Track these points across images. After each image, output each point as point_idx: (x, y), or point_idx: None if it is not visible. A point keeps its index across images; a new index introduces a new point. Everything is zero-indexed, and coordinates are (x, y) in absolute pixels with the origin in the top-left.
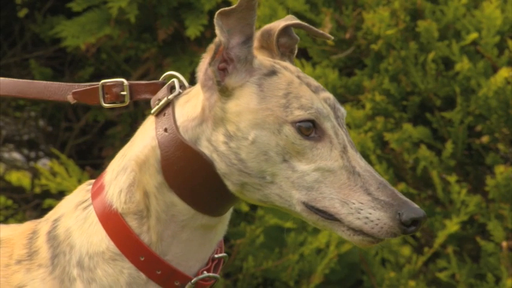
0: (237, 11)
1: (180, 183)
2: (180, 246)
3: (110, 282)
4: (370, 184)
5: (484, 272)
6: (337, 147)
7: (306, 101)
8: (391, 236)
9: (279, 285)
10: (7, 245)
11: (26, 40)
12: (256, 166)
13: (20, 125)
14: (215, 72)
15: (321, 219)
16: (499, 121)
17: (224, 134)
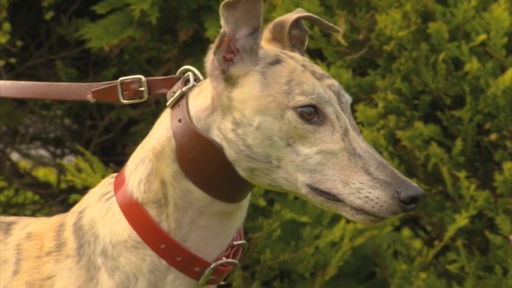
0: (242, 2)
1: (195, 171)
2: (198, 232)
3: (132, 269)
4: (370, 164)
5: (492, 264)
6: (339, 130)
7: (307, 87)
8: (391, 214)
9: (295, 277)
10: (37, 238)
11: (52, 42)
12: (262, 151)
13: (47, 123)
14: (220, 61)
15: (325, 200)
16: (506, 119)
17: (232, 121)
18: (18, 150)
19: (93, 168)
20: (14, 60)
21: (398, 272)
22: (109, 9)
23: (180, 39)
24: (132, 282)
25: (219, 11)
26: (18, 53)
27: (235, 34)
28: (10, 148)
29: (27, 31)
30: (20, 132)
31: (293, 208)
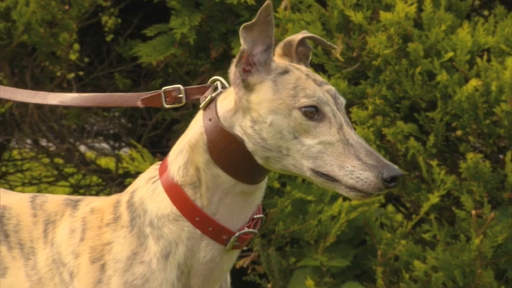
0: (257, 25)
1: (222, 160)
2: (225, 208)
3: (174, 237)
4: (360, 152)
5: (457, 233)
6: (335, 125)
7: (309, 91)
8: (377, 190)
9: (303, 243)
10: (99, 212)
11: (112, 58)
12: (274, 143)
13: (107, 122)
14: (240, 72)
15: (325, 181)
16: (469, 119)
17: (250, 120)
18: (85, 143)
19: (143, 157)
20: (82, 73)
21: (384, 239)
22: (156, 33)
23: (212, 56)
24: (173, 247)
25: (239, 32)
26: (85, 68)
27: (252, 51)
28: (79, 142)
29: (93, 50)
30: (86, 129)
31: (301, 189)
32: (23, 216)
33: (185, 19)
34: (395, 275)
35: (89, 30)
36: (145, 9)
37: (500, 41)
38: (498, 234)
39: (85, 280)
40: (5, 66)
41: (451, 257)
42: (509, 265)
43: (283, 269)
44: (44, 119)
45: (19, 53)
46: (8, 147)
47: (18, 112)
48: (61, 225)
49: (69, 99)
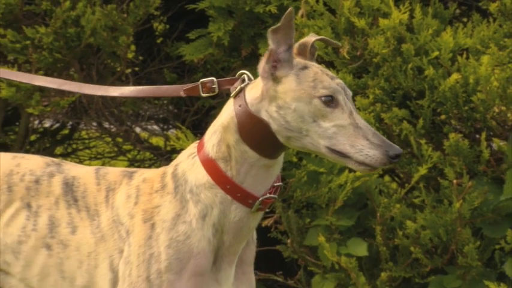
0: (281, 29)
1: (249, 139)
2: (251, 178)
3: (209, 202)
4: (368, 134)
5: (442, 198)
6: (346, 111)
7: (326, 83)
8: (383, 165)
9: (316, 206)
10: (150, 181)
11: (161, 57)
12: (296, 125)
13: (158, 108)
14: (269, 68)
15: (337, 157)
16: (451, 106)
17: (276, 106)
18: (139, 125)
19: (186, 137)
20: (137, 68)
21: (382, 203)
22: (197, 36)
23: (242, 55)
24: (209, 210)
25: (267, 34)
26: (139, 64)
27: (277, 50)
28: (134, 124)
29: (146, 50)
30: (140, 114)
31: (314, 163)
32: (89, 185)
33: (221, 25)
34: (391, 233)
35: (142, 34)
36: (189, 17)
37: (477, 43)
38: (474, 199)
39: (138, 236)
40: (75, 63)
41: (436, 218)
42: (484, 224)
43: (300, 227)
44: (106, 106)
45: (86, 53)
46: (77, 128)
47: (86, 100)
48: (119, 192)
49: (127, 91)
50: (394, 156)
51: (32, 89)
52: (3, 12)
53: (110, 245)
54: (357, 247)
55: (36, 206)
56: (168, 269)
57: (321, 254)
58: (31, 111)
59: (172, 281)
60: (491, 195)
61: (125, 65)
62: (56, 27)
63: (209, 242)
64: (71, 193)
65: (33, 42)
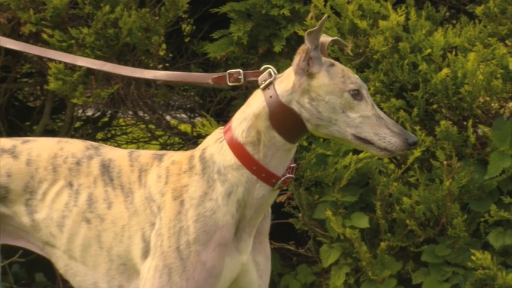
0: (314, 31)
1: (279, 126)
2: (275, 160)
3: (235, 181)
4: (388, 123)
5: (434, 177)
6: (369, 104)
7: (353, 79)
8: (401, 150)
9: (324, 185)
10: (178, 163)
11: (189, 54)
12: (327, 115)
13: (185, 99)
14: (305, 65)
15: (361, 143)
16: (442, 97)
17: (308, 98)
18: (169, 114)
19: (211, 124)
20: (168, 64)
21: (381, 182)
22: (220, 35)
23: (259, 52)
24: (234, 188)
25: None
26: (169, 61)
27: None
28: (165, 113)
29: (175, 48)
30: (170, 104)
31: (322, 146)
32: (123, 166)
33: (240, 26)
34: (389, 207)
35: (172, 34)
36: (213, 19)
37: (464, 41)
38: (462, 178)
39: (169, 212)
40: (114, 60)
41: (429, 195)
42: (470, 200)
43: (310, 203)
44: (141, 97)
45: (123, 51)
46: (116, 117)
47: (123, 92)
48: (151, 173)
49: (159, 74)
50: (412, 143)
51: (76, 82)
52: (51, 15)
53: (142, 218)
54: (360, 220)
55: (77, 184)
56: (196, 240)
57: (328, 226)
58: (75, 101)
59: (200, 251)
60: (476, 174)
61: (156, 62)
62: (97, 28)
63: (232, 216)
64: (108, 173)
65: (78, 41)
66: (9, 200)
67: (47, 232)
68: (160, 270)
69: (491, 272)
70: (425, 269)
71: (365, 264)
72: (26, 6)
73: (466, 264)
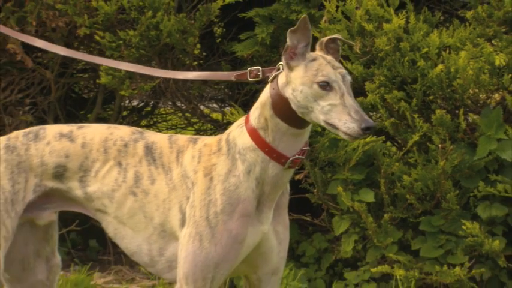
0: (299, 30)
1: (280, 113)
2: (283, 143)
3: (253, 160)
4: (351, 111)
5: (430, 158)
6: (338, 94)
7: (325, 72)
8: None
9: (335, 165)
10: (209, 146)
11: (219, 53)
12: (304, 103)
13: (217, 91)
14: (286, 59)
15: (331, 128)
16: (437, 89)
17: (291, 88)
18: (203, 104)
19: (238, 113)
20: (202, 61)
21: (385, 162)
22: (246, 37)
23: (280, 51)
24: (252, 167)
25: (287, 34)
26: (203, 58)
27: (297, 45)
28: (199, 103)
29: (208, 47)
30: (204, 95)
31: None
32: (164, 148)
33: (264, 28)
34: (391, 184)
35: (205, 36)
36: (240, 23)
37: (456, 41)
38: (455, 159)
39: (200, 187)
40: (155, 58)
41: (426, 173)
42: (462, 178)
43: (323, 180)
44: (178, 89)
45: (164, 50)
46: (157, 106)
47: (163, 85)
48: (186, 154)
49: (189, 75)
50: (366, 129)
51: (124, 77)
52: (102, 20)
53: (179, 193)
54: (366, 195)
55: (125, 163)
56: (222, 211)
57: (339, 200)
58: (123, 93)
59: (226, 220)
60: (467, 156)
61: (192, 59)
62: (141, 31)
63: (253, 191)
64: (151, 154)
65: (125, 42)
66: (65, 177)
67: (98, 202)
68: (193, 237)
69: (479, 240)
70: (423, 237)
71: (371, 233)
72: (81, 12)
73: (458, 232)
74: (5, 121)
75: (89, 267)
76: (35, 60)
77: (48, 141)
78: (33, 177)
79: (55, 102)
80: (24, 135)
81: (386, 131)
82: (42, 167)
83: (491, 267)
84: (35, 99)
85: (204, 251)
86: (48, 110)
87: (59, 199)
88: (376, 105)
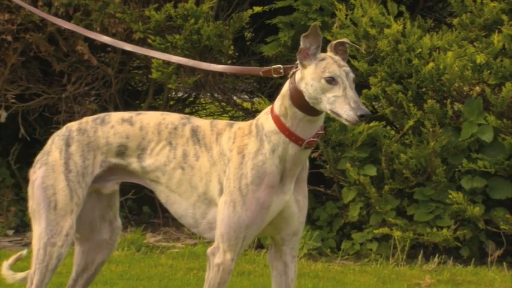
0: (310, 35)
1: (297, 104)
2: (300, 128)
3: (276, 142)
4: (351, 102)
5: (423, 140)
6: (341, 87)
7: (331, 69)
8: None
9: (345, 145)
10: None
11: (249, 53)
12: (314, 95)
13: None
14: (299, 59)
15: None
16: (428, 83)
17: (304, 83)
18: (236, 95)
19: (265, 102)
20: (235, 60)
21: (385, 143)
22: (271, 40)
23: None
24: (276, 147)
25: (300, 38)
26: (236, 57)
27: (309, 48)
28: (233, 94)
29: (240, 49)
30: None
31: None
32: (206, 131)
33: (286, 33)
34: (391, 161)
35: (238, 39)
36: (266, 28)
37: (445, 44)
38: (443, 141)
39: (234, 163)
40: (197, 57)
41: (419, 152)
42: (449, 155)
43: (335, 158)
44: (215, 83)
45: (204, 51)
46: (198, 97)
47: (203, 79)
48: (224, 135)
49: (220, 68)
50: (361, 116)
51: (171, 73)
52: (154, 26)
53: (218, 168)
54: (370, 170)
55: (175, 143)
56: (251, 182)
57: (347, 174)
58: (170, 86)
59: (254, 190)
60: (453, 137)
61: (227, 58)
62: (185, 35)
63: (276, 166)
64: (196, 136)
65: (172, 44)
66: (126, 154)
67: (153, 175)
68: (228, 204)
69: (462, 206)
70: (416, 204)
71: (373, 201)
72: (136, 19)
73: (445, 201)
74: (74, 109)
75: (142, 229)
76: (98, 59)
77: (112, 125)
78: (100, 155)
79: (115, 94)
80: (93, 120)
81: (387, 117)
82: (107, 146)
83: (472, 229)
84: (99, 91)
85: (236, 215)
86: (109, 100)
87: (120, 172)
88: (378, 96)
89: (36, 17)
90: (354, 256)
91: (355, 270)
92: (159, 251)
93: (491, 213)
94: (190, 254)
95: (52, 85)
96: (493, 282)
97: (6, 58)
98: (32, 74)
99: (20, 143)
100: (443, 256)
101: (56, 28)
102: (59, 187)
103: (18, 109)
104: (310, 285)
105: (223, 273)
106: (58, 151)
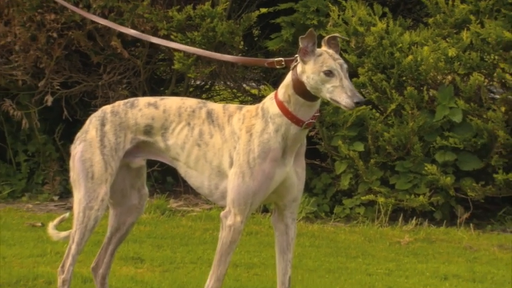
0: (307, 36)
1: (299, 92)
2: (301, 111)
3: (279, 123)
4: (347, 90)
5: (403, 121)
6: (338, 78)
7: (328, 63)
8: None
9: (337, 125)
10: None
11: (256, 47)
12: (314, 85)
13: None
14: (300, 56)
15: (335, 103)
16: (408, 73)
17: (306, 76)
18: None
19: (269, 89)
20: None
21: (371, 124)
22: (275, 36)
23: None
24: (279, 127)
25: (299, 39)
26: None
27: (307, 46)
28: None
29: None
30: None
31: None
32: (219, 113)
33: (288, 30)
34: (376, 138)
35: (247, 36)
36: (271, 26)
37: (422, 39)
38: (420, 121)
39: (243, 140)
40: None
41: (400, 131)
42: (425, 134)
43: (329, 136)
44: (228, 73)
45: (218, 46)
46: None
47: (218, 70)
48: (235, 117)
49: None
50: (357, 102)
51: (190, 64)
52: (176, 25)
53: (229, 144)
54: (358, 146)
55: (193, 124)
56: (258, 156)
57: (339, 150)
58: (190, 75)
59: (260, 163)
60: (428, 119)
61: (237, 52)
62: (203, 32)
63: (279, 143)
64: (211, 117)
65: (191, 40)
66: (152, 133)
67: (174, 152)
68: (238, 175)
69: (436, 177)
70: (397, 175)
71: (361, 173)
72: (161, 19)
73: (422, 172)
74: (109, 95)
75: (166, 196)
76: (129, 52)
77: (140, 108)
78: (130, 133)
79: (143, 82)
80: (124, 104)
81: (373, 102)
82: (136, 126)
83: (444, 196)
84: (129, 80)
85: (245, 184)
86: (138, 87)
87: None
88: (365, 84)
89: (78, 16)
90: (344, 219)
91: (346, 230)
92: (180, 214)
93: (460, 183)
94: (207, 217)
95: (90, 74)
96: (461, 240)
97: (52, 52)
98: (74, 65)
99: (63, 123)
100: (420, 219)
101: (94, 26)
102: (95, 160)
103: (62, 95)
104: (308, 243)
105: (234, 233)
106: (95, 130)
